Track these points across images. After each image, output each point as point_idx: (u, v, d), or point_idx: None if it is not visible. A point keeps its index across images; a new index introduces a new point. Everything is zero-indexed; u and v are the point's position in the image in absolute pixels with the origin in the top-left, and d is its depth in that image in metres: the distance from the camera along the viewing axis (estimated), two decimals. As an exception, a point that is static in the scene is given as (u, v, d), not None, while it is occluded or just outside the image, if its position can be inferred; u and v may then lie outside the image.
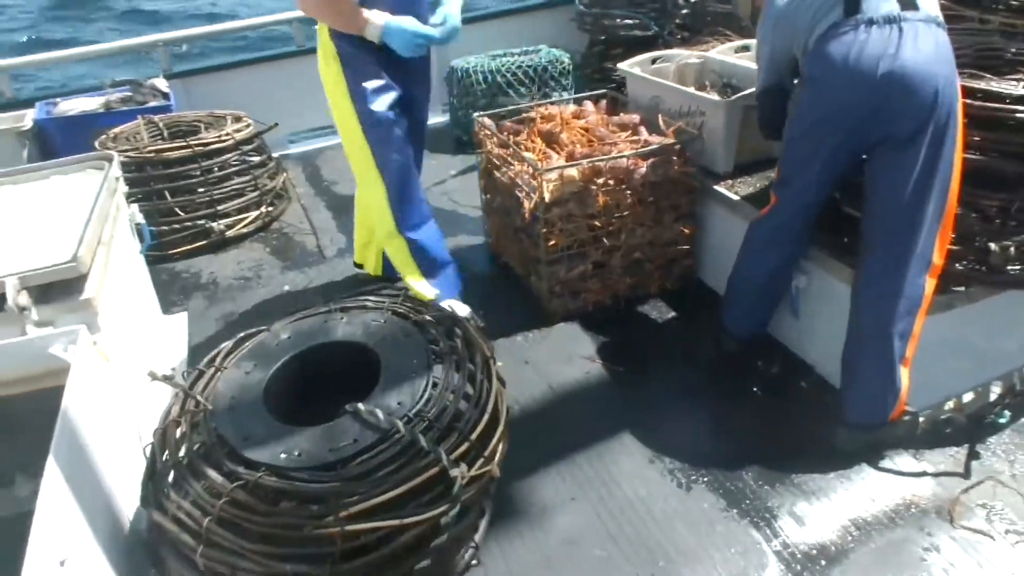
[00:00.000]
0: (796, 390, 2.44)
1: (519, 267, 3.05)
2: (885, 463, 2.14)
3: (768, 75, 2.26)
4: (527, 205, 2.68)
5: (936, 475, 2.10)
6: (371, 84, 2.45)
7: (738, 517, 2.00)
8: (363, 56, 2.45)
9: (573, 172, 2.62)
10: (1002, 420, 2.26)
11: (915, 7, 1.93)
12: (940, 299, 2.08)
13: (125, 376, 2.06)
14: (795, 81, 2.18)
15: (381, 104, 2.47)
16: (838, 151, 2.06)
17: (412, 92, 2.64)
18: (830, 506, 2.02)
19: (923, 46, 1.88)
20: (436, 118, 5.17)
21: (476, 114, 3.14)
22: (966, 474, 2.10)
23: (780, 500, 2.04)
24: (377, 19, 2.39)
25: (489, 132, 3.02)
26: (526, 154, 2.74)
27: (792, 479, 2.11)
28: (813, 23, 2.01)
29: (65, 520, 1.51)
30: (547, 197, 2.59)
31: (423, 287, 2.67)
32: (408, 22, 2.42)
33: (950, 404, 2.30)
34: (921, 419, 2.19)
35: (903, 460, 2.15)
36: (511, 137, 2.96)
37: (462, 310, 2.44)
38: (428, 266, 2.70)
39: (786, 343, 2.60)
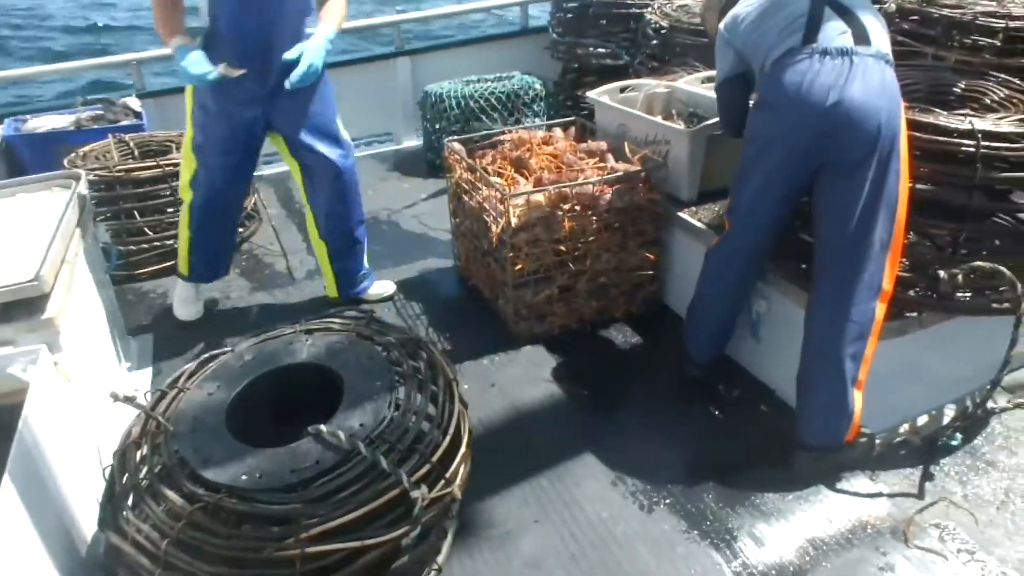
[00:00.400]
0: (756, 413, 2.48)
1: (487, 290, 3.08)
2: (842, 484, 2.19)
3: (725, 66, 2.32)
4: (495, 229, 2.72)
5: (891, 496, 2.14)
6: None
7: (698, 538, 2.02)
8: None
9: (540, 197, 2.66)
10: (954, 442, 2.31)
11: (867, 42, 2.02)
12: (893, 325, 2.14)
13: (86, 396, 2.05)
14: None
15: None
16: (788, 176, 2.13)
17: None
18: (788, 527, 2.05)
19: (871, 80, 1.96)
20: (409, 142, 5.22)
21: (447, 139, 3.17)
22: (920, 495, 2.14)
23: (740, 521, 2.07)
24: (173, 43, 2.50)
25: (459, 157, 3.05)
26: (493, 179, 2.78)
27: (752, 500, 2.14)
28: (776, 40, 2.10)
29: (20, 542, 1.49)
30: (514, 222, 2.63)
31: None
32: (193, 58, 2.50)
33: (905, 427, 2.36)
34: (877, 441, 2.23)
35: (859, 481, 2.19)
36: (480, 162, 3.00)
37: (388, 288, 3.22)
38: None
39: (747, 366, 2.65)
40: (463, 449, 1.87)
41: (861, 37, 2.03)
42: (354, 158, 3.01)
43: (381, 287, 3.28)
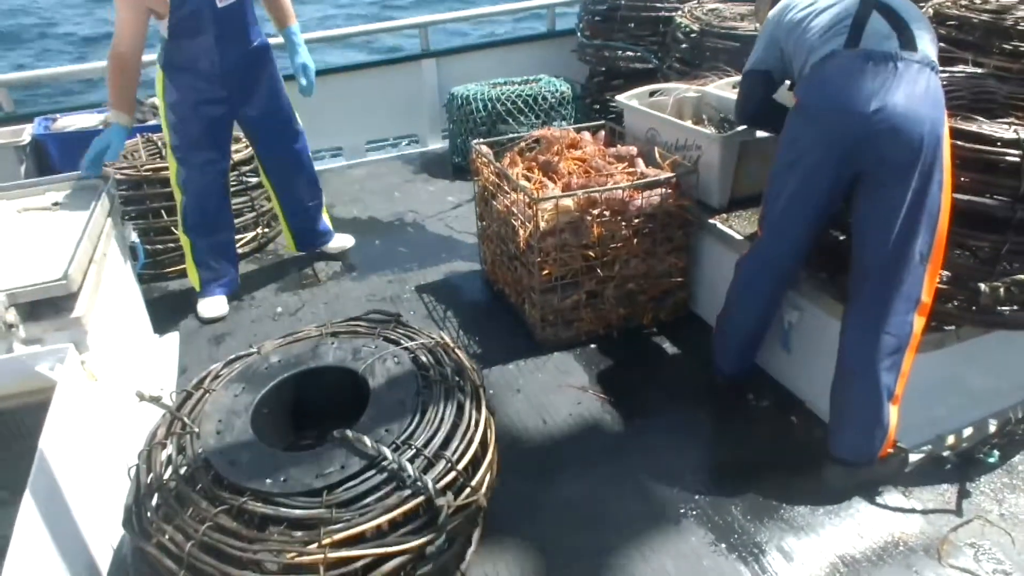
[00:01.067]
0: (787, 425, 2.44)
1: (513, 295, 3.06)
2: (874, 499, 2.14)
3: (761, 56, 2.28)
4: (522, 233, 2.70)
5: (925, 512, 2.09)
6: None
7: (726, 552, 1.98)
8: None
9: (569, 202, 2.63)
10: (991, 460, 2.25)
11: (914, 48, 1.95)
12: (930, 338, 2.09)
13: (113, 396, 2.05)
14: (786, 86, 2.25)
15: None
16: (824, 184, 2.07)
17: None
18: (818, 542, 2.01)
19: (915, 87, 1.90)
20: (435, 144, 5.21)
21: (474, 142, 3.16)
22: (956, 513, 2.09)
23: (768, 535, 2.03)
24: (120, 119, 2.76)
25: (486, 160, 3.03)
26: (522, 183, 2.76)
27: (781, 514, 2.09)
28: (819, 42, 2.04)
29: (44, 542, 1.49)
30: (542, 226, 2.61)
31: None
32: (100, 139, 2.72)
33: (940, 443, 2.30)
34: (911, 457, 2.18)
35: (892, 497, 2.14)
36: (507, 165, 2.98)
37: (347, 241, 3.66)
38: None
39: (777, 377, 2.60)
40: (489, 456, 1.85)
41: (908, 42, 1.96)
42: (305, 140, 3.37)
43: (341, 240, 3.67)
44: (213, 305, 3.23)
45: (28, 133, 4.06)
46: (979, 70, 2.66)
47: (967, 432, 2.34)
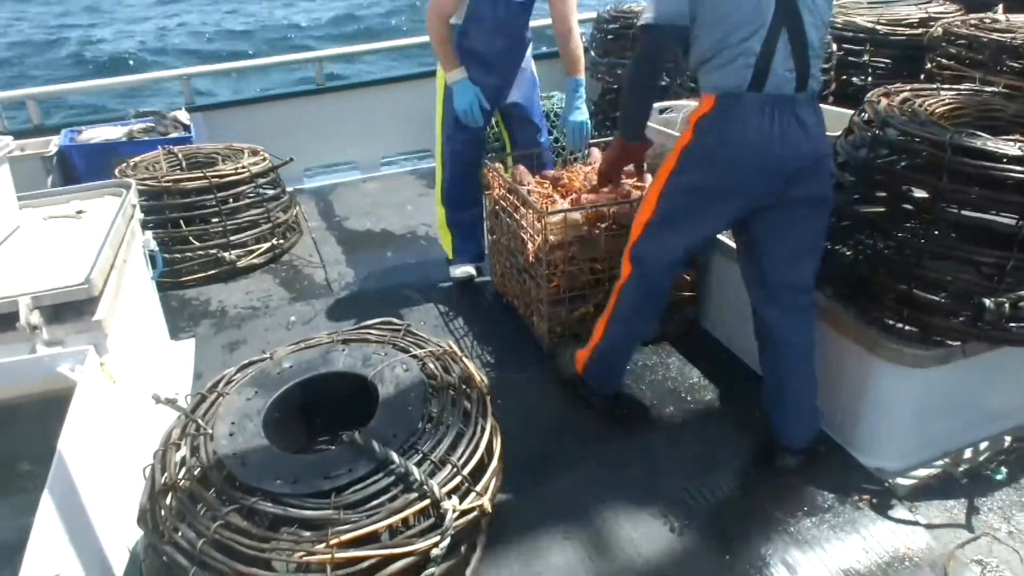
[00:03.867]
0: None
1: (522, 307, 3.09)
2: (880, 515, 2.14)
3: (664, 5, 2.05)
4: (531, 247, 2.73)
5: (931, 529, 2.09)
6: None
7: (730, 564, 1.99)
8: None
9: (577, 216, 2.67)
10: (999, 476, 2.25)
11: (805, 87, 2.03)
12: (936, 353, 2.11)
13: (130, 398, 2.10)
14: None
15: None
16: (720, 223, 2.23)
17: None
18: (823, 556, 2.01)
19: (813, 122, 2.05)
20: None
21: (486, 157, 3.20)
22: (963, 529, 2.09)
23: (772, 548, 2.04)
24: (452, 75, 3.07)
25: (496, 175, 3.09)
26: (531, 198, 2.81)
27: (785, 527, 2.10)
28: (732, 39, 1.99)
29: (61, 536, 1.53)
30: (551, 240, 2.65)
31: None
32: (460, 97, 3.08)
33: (946, 459, 2.30)
34: (920, 472, 2.19)
35: (898, 512, 2.14)
36: (518, 180, 3.02)
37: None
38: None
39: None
40: (494, 463, 1.88)
41: (802, 80, 2.01)
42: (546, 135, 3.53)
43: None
44: (463, 270, 3.49)
45: (55, 144, 4.16)
46: (988, 89, 2.69)
47: (974, 449, 2.34)
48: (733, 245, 2.68)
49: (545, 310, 2.79)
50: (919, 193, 2.13)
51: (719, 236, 2.78)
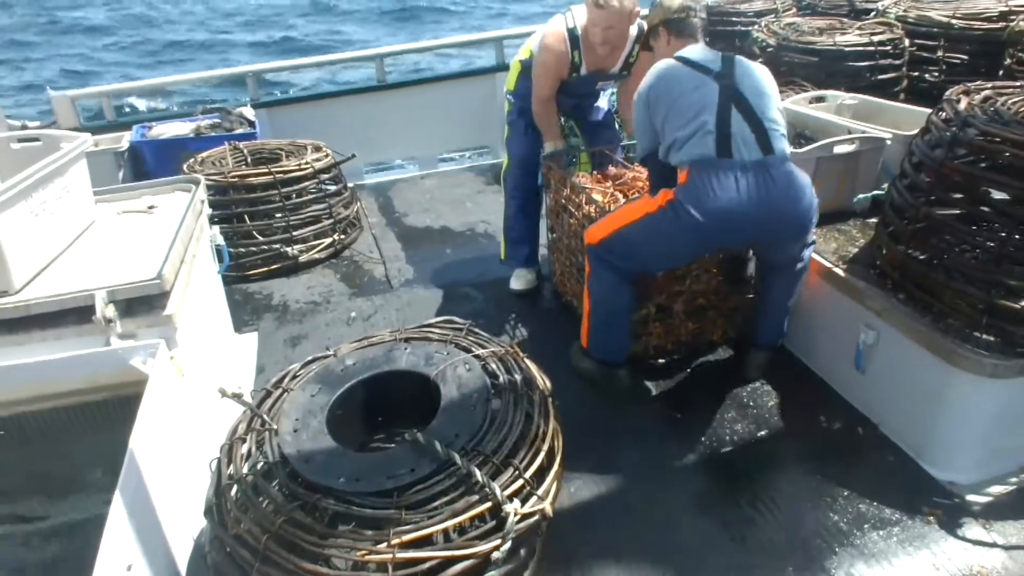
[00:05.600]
0: (858, 446, 2.38)
1: (581, 308, 3.06)
2: (952, 531, 2.06)
3: (647, 140, 2.46)
4: None
5: (1007, 548, 2.01)
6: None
7: (793, 575, 1.95)
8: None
9: None
10: (1080, 495, 2.15)
11: (772, 151, 2.24)
12: (1016, 363, 2.02)
13: (197, 391, 2.15)
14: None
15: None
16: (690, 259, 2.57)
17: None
18: (891, 571, 1.95)
19: (788, 184, 2.25)
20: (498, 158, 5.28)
21: (543, 155, 3.18)
22: (1041, 548, 2.01)
23: (838, 561, 1.98)
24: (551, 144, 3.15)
25: (558, 174, 3.06)
26: (595, 196, 2.77)
27: (851, 540, 2.04)
28: (686, 132, 2.26)
29: (134, 526, 1.57)
30: None
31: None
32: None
33: (1022, 473, 2.21)
34: (995, 488, 2.10)
35: (972, 530, 2.07)
36: (580, 179, 3.00)
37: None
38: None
39: (848, 398, 2.54)
40: (556, 467, 1.87)
41: (766, 145, 2.24)
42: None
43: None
44: (521, 277, 3.48)
45: (126, 140, 4.29)
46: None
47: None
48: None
49: None
50: (999, 195, 2.05)
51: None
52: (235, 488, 1.81)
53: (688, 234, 2.27)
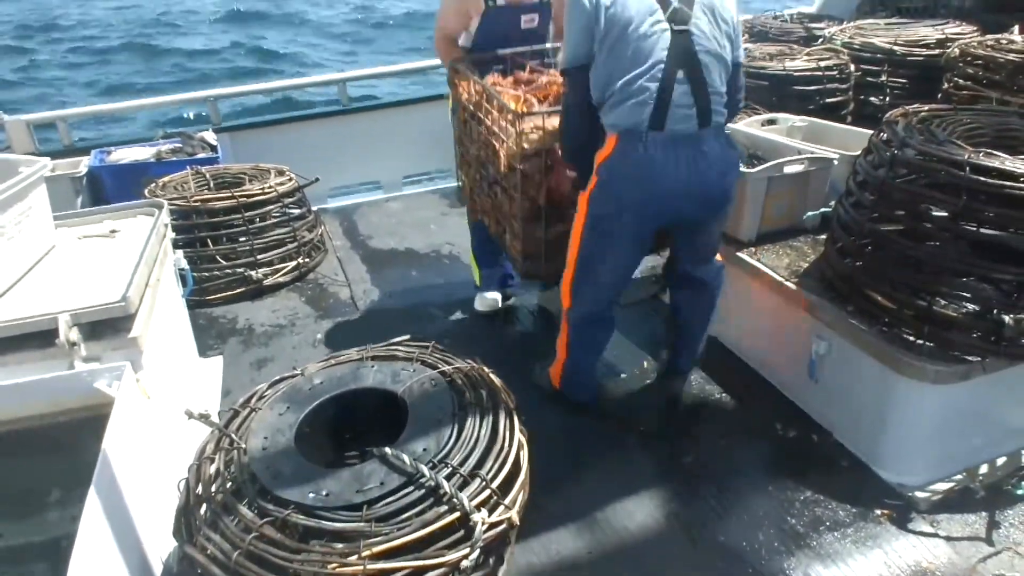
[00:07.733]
0: (812, 454, 2.47)
1: (492, 225, 2.87)
2: (901, 529, 2.16)
3: (581, 48, 2.13)
4: (503, 155, 2.50)
5: (952, 542, 2.10)
6: None
7: (753, 578, 2.02)
8: None
9: (556, 120, 2.38)
10: (1019, 491, 2.26)
11: (709, 123, 2.14)
12: (956, 369, 2.13)
13: (163, 414, 2.15)
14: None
15: None
16: (635, 247, 2.38)
17: None
18: (845, 570, 2.03)
19: (718, 153, 2.18)
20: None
21: (451, 60, 2.94)
22: (988, 542, 2.10)
23: (795, 562, 2.06)
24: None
25: (465, 76, 2.78)
26: (504, 99, 2.51)
27: (807, 542, 2.12)
28: (621, 96, 2.08)
29: (102, 548, 1.58)
30: (526, 146, 2.40)
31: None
32: None
33: (967, 474, 2.31)
34: (940, 487, 2.20)
35: (920, 527, 2.16)
36: (492, 84, 2.70)
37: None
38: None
39: (803, 407, 2.63)
40: (522, 476, 1.91)
41: (704, 115, 2.12)
42: None
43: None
44: (487, 300, 3.47)
45: (84, 165, 4.26)
46: (1005, 109, 2.71)
47: (995, 463, 2.35)
48: (752, 262, 2.72)
49: (519, 227, 2.56)
50: (938, 212, 2.16)
51: (738, 253, 2.82)
52: (204, 507, 1.83)
53: (622, 217, 2.21)
